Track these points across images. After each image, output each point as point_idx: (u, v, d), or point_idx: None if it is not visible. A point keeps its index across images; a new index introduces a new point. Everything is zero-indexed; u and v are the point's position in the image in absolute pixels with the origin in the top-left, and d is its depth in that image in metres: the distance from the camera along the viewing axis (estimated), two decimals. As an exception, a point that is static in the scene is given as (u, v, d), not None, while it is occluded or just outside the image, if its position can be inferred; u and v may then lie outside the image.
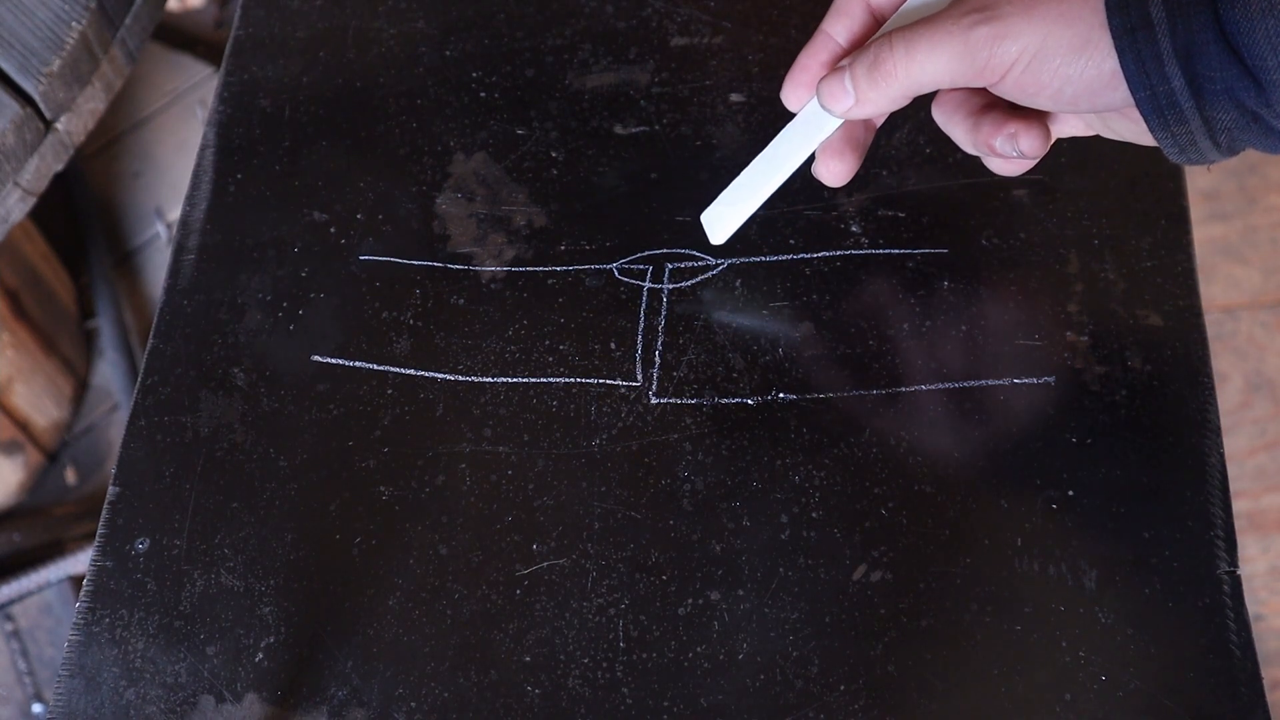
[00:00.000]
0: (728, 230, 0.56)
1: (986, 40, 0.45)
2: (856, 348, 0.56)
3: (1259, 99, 0.43)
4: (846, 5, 0.51)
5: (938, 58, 0.46)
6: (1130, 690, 0.47)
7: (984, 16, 0.45)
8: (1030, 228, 0.58)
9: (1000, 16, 0.45)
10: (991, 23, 0.45)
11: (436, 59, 0.66)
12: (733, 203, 0.55)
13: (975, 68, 0.46)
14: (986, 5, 0.46)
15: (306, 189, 0.62)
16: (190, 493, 0.54)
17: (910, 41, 0.47)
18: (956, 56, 0.46)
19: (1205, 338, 0.55)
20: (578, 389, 0.56)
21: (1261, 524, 1.15)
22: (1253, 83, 0.42)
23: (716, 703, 0.48)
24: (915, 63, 0.47)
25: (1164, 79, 0.43)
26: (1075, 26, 0.44)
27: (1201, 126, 0.44)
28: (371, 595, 0.52)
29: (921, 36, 0.47)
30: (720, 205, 0.55)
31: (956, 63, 0.46)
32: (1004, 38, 0.45)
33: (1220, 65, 0.42)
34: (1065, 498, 0.51)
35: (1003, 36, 0.45)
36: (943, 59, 0.46)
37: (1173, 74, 0.43)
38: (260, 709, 0.50)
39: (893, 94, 0.48)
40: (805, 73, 0.52)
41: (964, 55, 0.46)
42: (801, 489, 0.52)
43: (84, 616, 0.52)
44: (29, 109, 0.71)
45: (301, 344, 0.58)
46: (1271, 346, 1.22)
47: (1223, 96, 0.43)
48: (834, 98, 0.50)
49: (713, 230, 0.56)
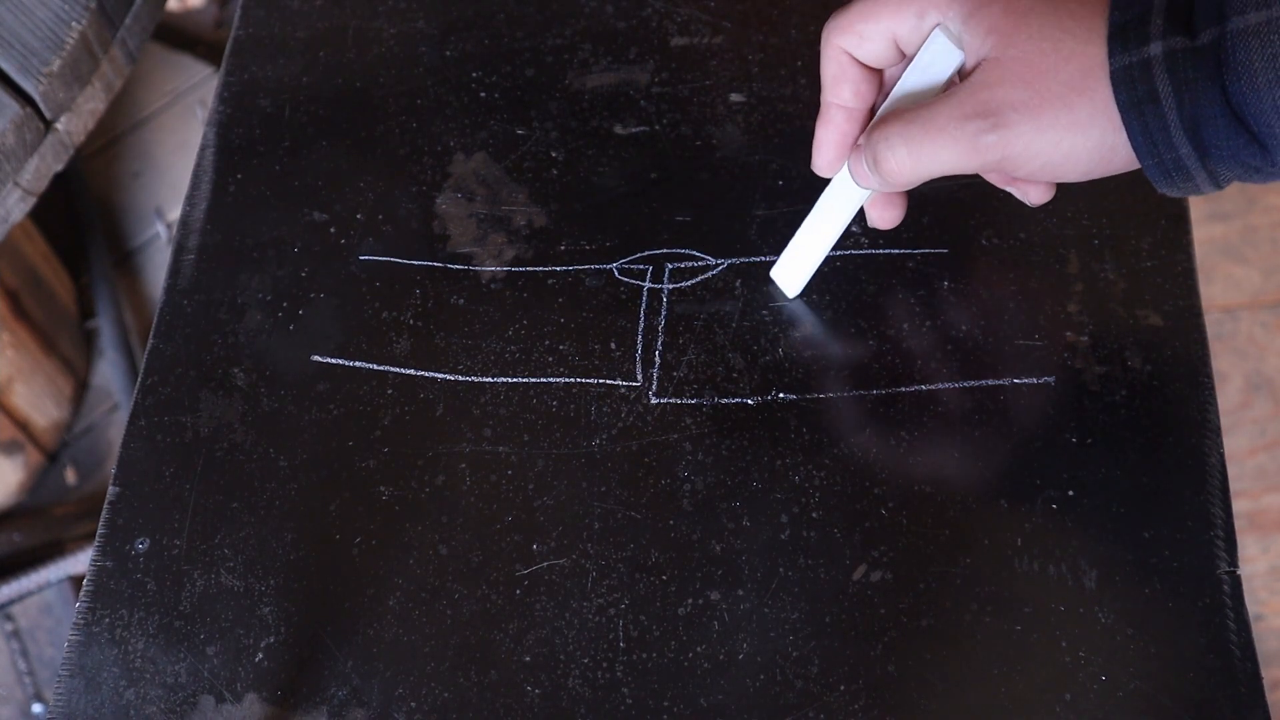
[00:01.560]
0: (800, 283, 0.57)
1: (994, 147, 0.45)
2: (856, 348, 0.56)
3: (1264, 159, 0.43)
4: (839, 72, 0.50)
5: (943, 158, 0.46)
6: (1130, 690, 0.47)
7: (990, 125, 0.45)
8: (1030, 228, 0.58)
9: (1007, 125, 0.45)
10: (999, 131, 0.45)
11: (436, 59, 0.66)
12: (799, 259, 0.56)
13: (985, 166, 0.47)
14: (990, 109, 0.45)
15: (306, 189, 0.62)
16: (190, 493, 0.54)
17: (913, 142, 0.47)
18: (962, 157, 0.46)
19: (1205, 338, 0.55)
20: (578, 389, 0.56)
21: (1261, 524, 1.15)
22: (1259, 148, 0.43)
23: (716, 703, 0.48)
24: (921, 163, 0.47)
25: (1171, 148, 0.44)
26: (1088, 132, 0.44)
27: (1206, 180, 0.45)
28: (371, 595, 0.52)
29: (926, 138, 0.46)
30: (788, 262, 0.57)
31: (965, 163, 0.46)
32: (1013, 145, 0.45)
33: (1228, 135, 0.43)
34: (1065, 498, 0.51)
35: (1012, 144, 0.45)
36: (948, 159, 0.46)
37: (1180, 143, 0.43)
38: (260, 709, 0.50)
39: (902, 184, 0.49)
40: (828, 147, 0.52)
41: (970, 157, 0.46)
42: (801, 489, 0.52)
43: (84, 616, 0.52)
44: (29, 109, 0.71)
45: (301, 344, 0.58)
46: (1271, 346, 1.22)
47: (1229, 159, 0.44)
48: (861, 178, 0.51)
49: (786, 285, 0.57)
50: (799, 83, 0.63)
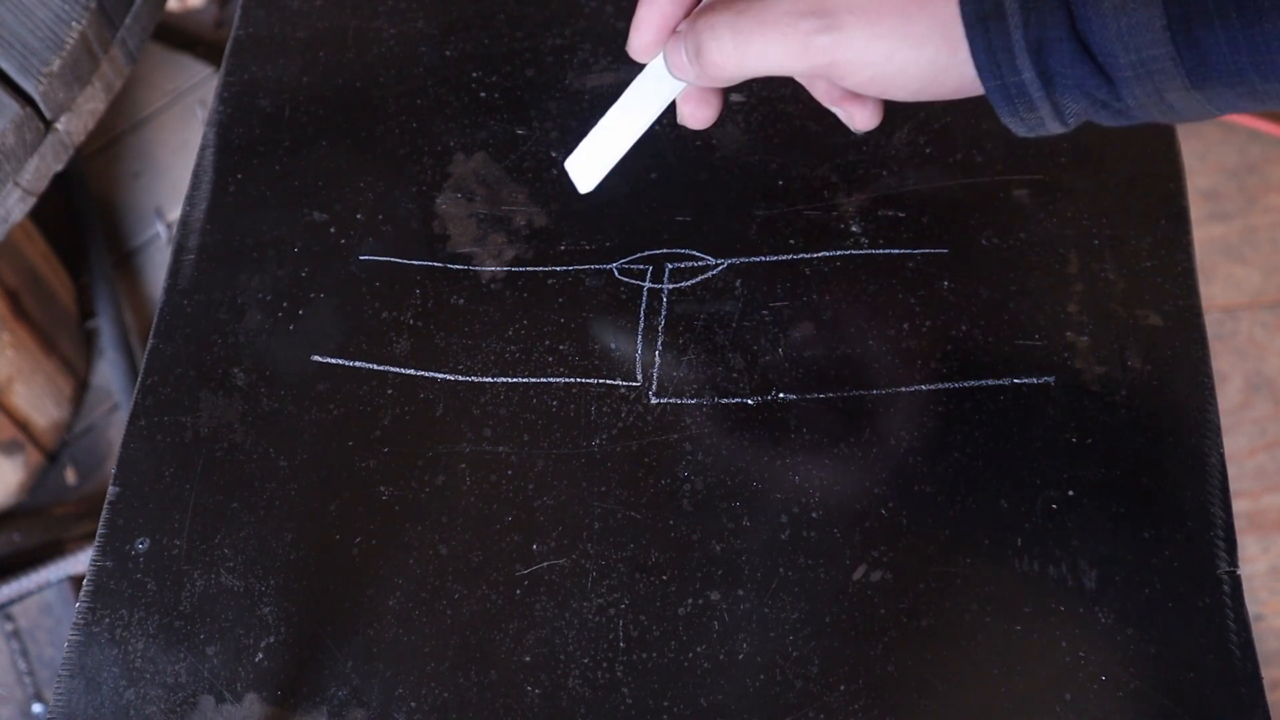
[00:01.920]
0: (594, 179, 0.54)
1: (825, 50, 0.44)
2: (856, 348, 0.56)
3: (1109, 93, 0.42)
4: None
5: (771, 54, 0.45)
6: (1130, 690, 0.47)
7: (824, 25, 0.43)
8: (1030, 228, 0.58)
9: (841, 27, 0.43)
10: (832, 33, 0.43)
11: (436, 59, 0.66)
12: (596, 151, 0.54)
13: (813, 69, 0.45)
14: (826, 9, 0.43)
15: (306, 189, 0.62)
16: (190, 493, 0.54)
17: (741, 34, 0.45)
18: (792, 56, 0.44)
19: (1205, 338, 0.55)
20: (578, 389, 0.56)
21: (1261, 524, 1.15)
22: (1103, 79, 0.41)
23: (716, 703, 0.48)
24: (747, 58, 0.45)
25: (1015, 71, 0.42)
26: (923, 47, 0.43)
27: (1050, 111, 0.43)
28: (371, 595, 0.52)
29: (756, 32, 0.44)
30: (583, 154, 0.54)
31: (793, 61, 0.44)
32: (845, 49, 0.43)
33: (1072, 61, 0.41)
34: (1065, 498, 0.51)
35: (844, 48, 0.43)
36: (777, 57, 0.45)
37: (1024, 66, 0.42)
38: (260, 709, 0.50)
39: (723, 79, 0.47)
40: (648, 28, 0.50)
41: (801, 57, 0.44)
42: (801, 489, 0.52)
43: (84, 616, 0.52)
44: (29, 109, 0.71)
45: (301, 344, 0.58)
46: (1271, 346, 1.22)
47: (1073, 89, 0.42)
48: (677, 68, 0.49)
49: (579, 179, 0.55)
50: (799, 83, 0.63)
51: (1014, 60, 0.42)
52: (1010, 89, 0.43)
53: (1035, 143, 0.60)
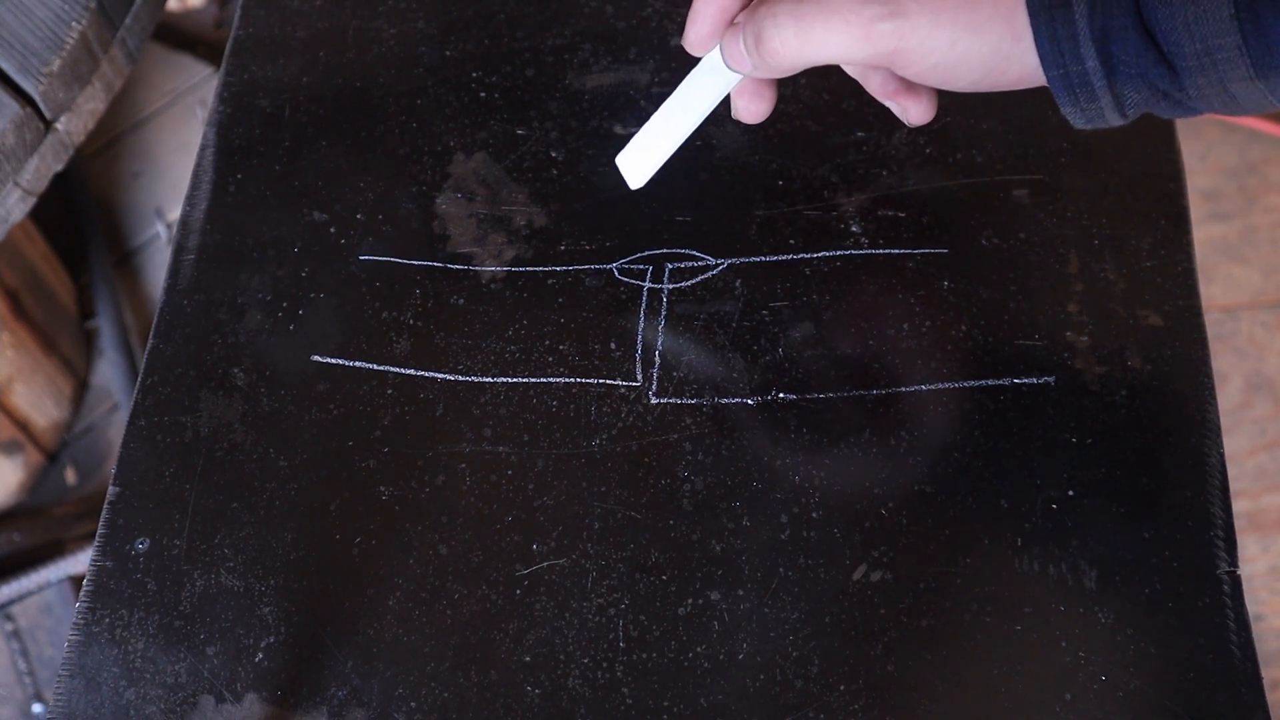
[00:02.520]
0: (645, 174, 0.54)
1: (889, 36, 0.43)
2: (856, 348, 0.56)
3: (1172, 83, 0.42)
4: None
5: (834, 43, 0.44)
6: (1130, 690, 0.47)
7: (888, 12, 0.43)
8: (1030, 228, 0.58)
9: (905, 14, 0.43)
10: (895, 19, 0.43)
11: (436, 59, 0.66)
12: (648, 147, 0.53)
13: (875, 58, 0.44)
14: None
15: (306, 189, 0.62)
16: (190, 493, 0.54)
17: (803, 21, 0.44)
18: (855, 45, 0.44)
19: (1205, 338, 0.55)
20: (578, 389, 0.56)
21: (1261, 524, 1.15)
22: (1167, 69, 0.41)
23: (716, 703, 0.48)
24: (809, 45, 0.45)
25: (1078, 59, 0.42)
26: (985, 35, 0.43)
27: (1111, 102, 0.43)
28: (371, 595, 0.52)
29: (819, 20, 0.44)
30: (635, 149, 0.54)
31: (855, 49, 0.44)
32: (909, 37, 0.43)
33: (1136, 50, 0.41)
34: (1065, 498, 0.51)
35: (907, 36, 0.43)
36: (840, 45, 0.44)
37: (1088, 55, 0.42)
38: (260, 709, 0.50)
39: (783, 68, 0.47)
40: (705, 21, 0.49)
41: (863, 46, 0.44)
42: (801, 489, 0.52)
43: (84, 616, 0.52)
44: (29, 109, 0.71)
45: (301, 344, 0.58)
46: (1271, 346, 1.22)
47: (1136, 79, 0.42)
48: (734, 59, 0.48)
49: (630, 174, 0.55)
50: (799, 83, 0.63)
51: (1078, 49, 0.42)
52: (1073, 78, 0.43)
53: (1035, 143, 0.60)
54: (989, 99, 0.50)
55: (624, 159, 0.55)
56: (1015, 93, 0.48)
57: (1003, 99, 0.49)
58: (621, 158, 0.55)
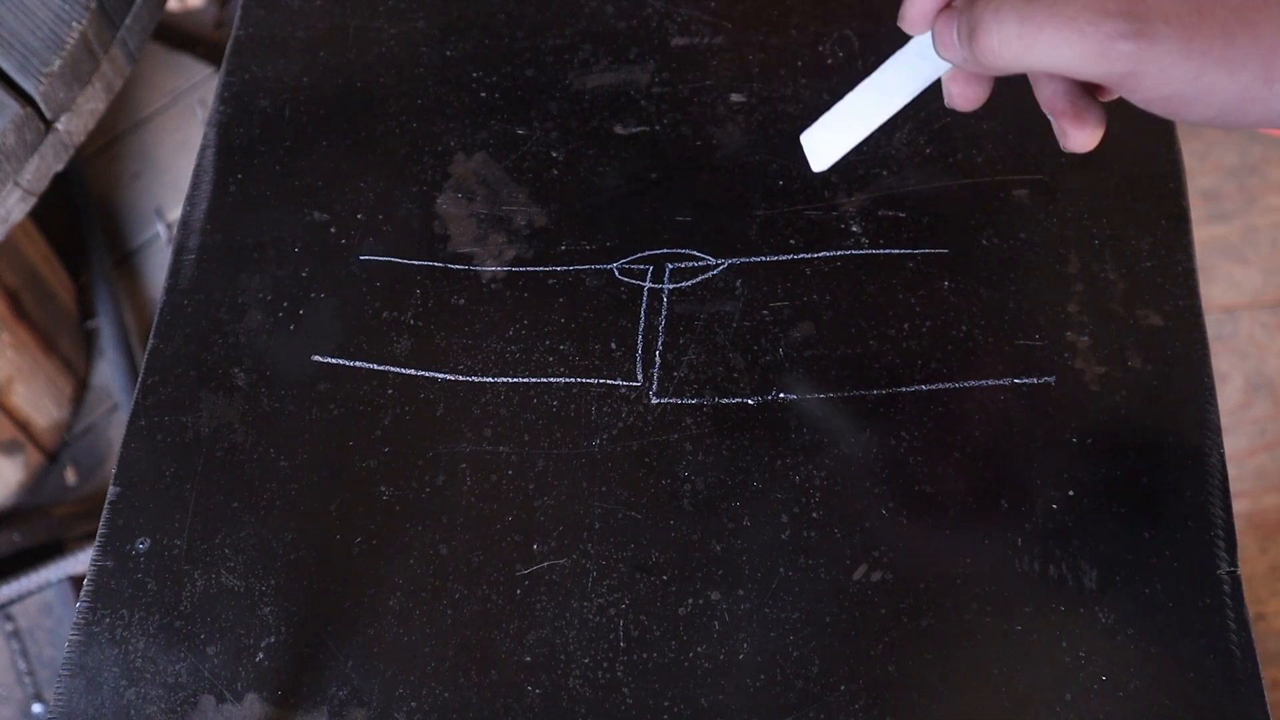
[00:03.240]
0: (831, 158, 0.49)
1: (1128, 58, 0.38)
2: (856, 348, 0.56)
3: None
4: None
5: (1062, 52, 0.39)
6: (1130, 690, 0.47)
7: (1132, 30, 0.38)
8: (1030, 228, 0.58)
9: (1152, 36, 0.38)
10: (1139, 40, 0.38)
11: (437, 59, 0.66)
12: (838, 129, 0.48)
13: (1105, 77, 0.40)
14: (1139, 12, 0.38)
15: (306, 189, 0.62)
16: (190, 493, 0.54)
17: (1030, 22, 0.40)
18: (1085, 60, 0.39)
19: (1205, 338, 0.55)
20: (578, 389, 0.56)
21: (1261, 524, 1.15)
22: None
23: (717, 703, 0.48)
24: (1032, 49, 0.40)
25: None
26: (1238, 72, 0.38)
27: None
28: (372, 595, 0.52)
29: (1049, 22, 0.39)
30: (822, 129, 0.48)
31: (1084, 65, 0.39)
32: (1151, 62, 0.38)
33: None
34: (1065, 498, 0.51)
35: (1150, 61, 0.38)
36: (1067, 56, 0.39)
37: None
38: (260, 709, 0.50)
39: (996, 68, 0.42)
40: None
41: (1096, 62, 0.39)
42: (801, 489, 0.52)
43: (84, 616, 0.52)
44: (29, 109, 0.71)
45: (302, 344, 0.58)
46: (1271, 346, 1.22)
47: None
48: (945, 47, 0.44)
49: (814, 156, 0.49)
50: (799, 83, 0.63)
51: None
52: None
53: (1035, 143, 0.60)
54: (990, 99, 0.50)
55: (810, 138, 0.49)
56: (1015, 93, 0.48)
57: (1003, 99, 0.49)
58: (807, 136, 0.49)
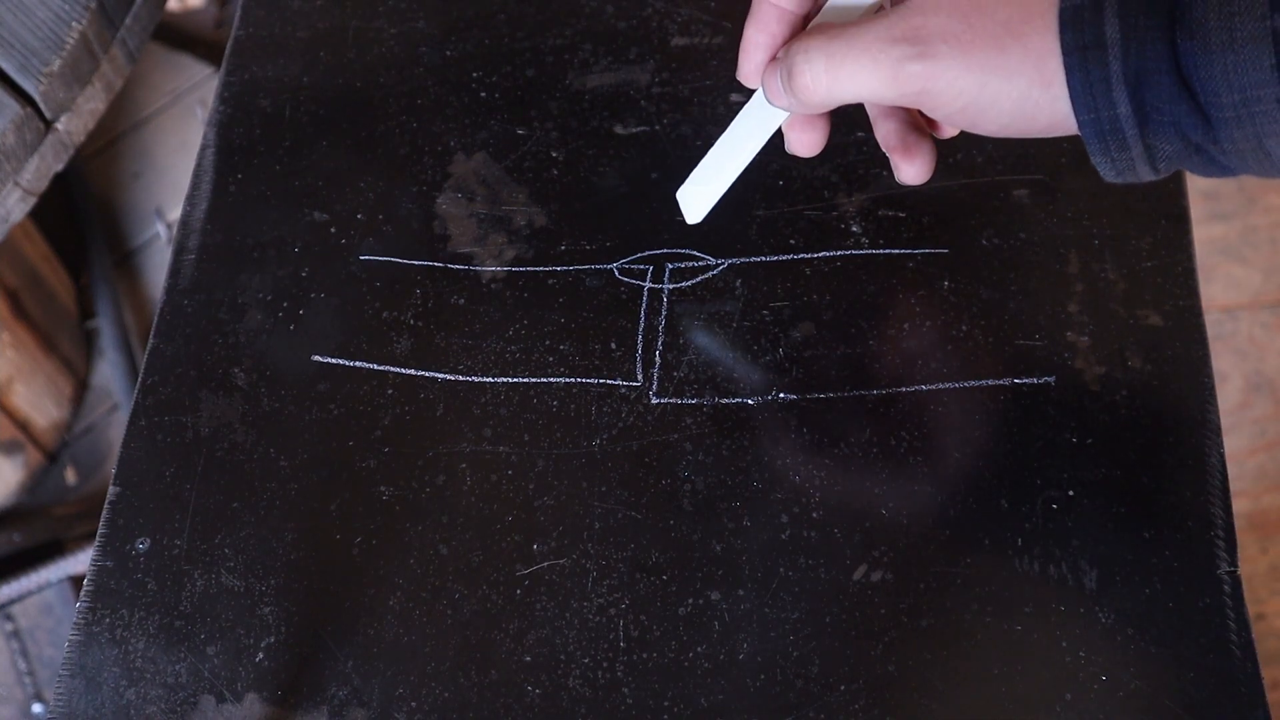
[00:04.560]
0: (703, 209, 0.54)
1: (918, 77, 0.43)
2: (856, 348, 0.56)
3: (1205, 134, 0.41)
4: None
5: (862, 81, 0.44)
6: (1130, 690, 0.47)
7: (917, 52, 0.43)
8: (1030, 228, 0.58)
9: (934, 56, 0.42)
10: (924, 60, 0.42)
11: (437, 59, 0.66)
12: (705, 181, 0.53)
13: (903, 98, 0.44)
14: (920, 37, 0.43)
15: (306, 189, 0.62)
16: (190, 493, 0.54)
17: (833, 58, 0.44)
18: (884, 83, 0.44)
19: (1205, 338, 0.55)
20: (578, 389, 0.56)
21: (1261, 524, 1.15)
22: (1201, 119, 0.40)
23: (717, 703, 0.48)
24: (839, 82, 0.45)
25: (1110, 104, 0.41)
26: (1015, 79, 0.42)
27: (1143, 154, 0.42)
28: (372, 595, 0.52)
29: (849, 57, 0.44)
30: (693, 184, 0.54)
31: (884, 88, 0.44)
32: (937, 79, 0.43)
33: (1170, 98, 0.40)
34: (1065, 498, 0.51)
35: (936, 78, 0.43)
36: (868, 83, 0.44)
37: (1119, 100, 0.41)
38: (260, 709, 0.50)
39: (815, 104, 0.46)
40: (757, 51, 0.49)
41: (891, 85, 0.43)
42: (801, 489, 0.52)
43: (84, 616, 0.52)
44: (29, 109, 0.71)
45: (302, 344, 0.58)
46: (1271, 346, 1.22)
47: (1168, 128, 0.41)
48: (774, 94, 0.48)
49: (688, 209, 0.55)
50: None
51: (1110, 93, 0.41)
52: (1104, 123, 0.42)
53: (1035, 143, 0.60)
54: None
55: (684, 194, 0.54)
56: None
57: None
58: (682, 193, 0.54)
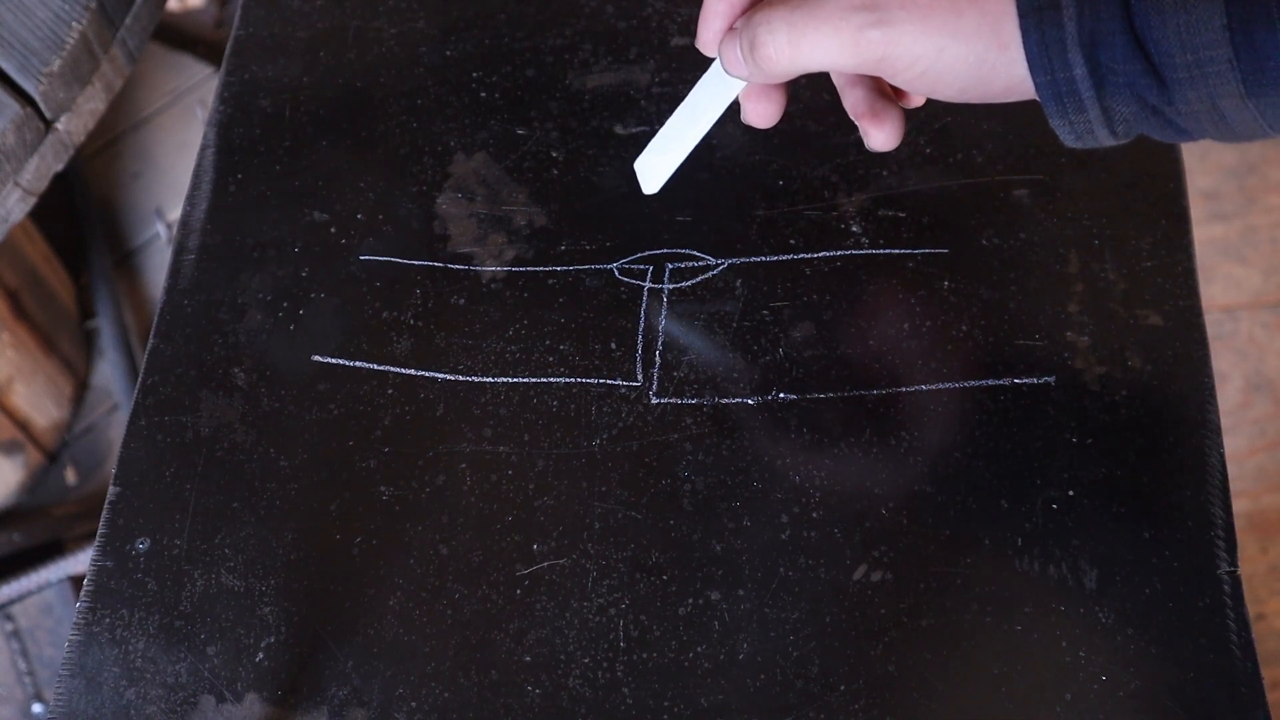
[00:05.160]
0: (659, 180, 0.55)
1: (878, 43, 0.43)
2: (856, 348, 0.56)
3: (1160, 95, 0.41)
4: None
5: (824, 49, 0.45)
6: (1130, 690, 0.47)
7: (875, 19, 0.43)
8: (1030, 228, 0.58)
9: (892, 22, 0.43)
10: (883, 27, 0.43)
11: (437, 59, 0.66)
12: (662, 151, 0.54)
13: (864, 65, 0.45)
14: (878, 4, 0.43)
15: (306, 189, 0.62)
16: (190, 493, 0.54)
17: (795, 28, 0.45)
18: (843, 52, 0.44)
19: (1205, 338, 0.55)
20: (578, 389, 0.56)
21: (1261, 524, 1.15)
22: (1155, 80, 0.41)
23: (717, 703, 0.48)
24: (800, 51, 0.45)
25: (1066, 66, 0.42)
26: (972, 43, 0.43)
27: (1100, 116, 0.43)
28: (372, 595, 0.52)
29: (808, 26, 0.44)
30: (650, 155, 0.54)
31: (844, 56, 0.44)
32: (896, 44, 0.43)
33: (1124, 58, 0.41)
34: (1065, 498, 0.51)
35: (894, 43, 0.43)
36: (830, 52, 0.44)
37: (1075, 61, 0.41)
38: (260, 709, 0.50)
39: (777, 74, 0.47)
40: (716, 19, 0.49)
41: (852, 53, 0.44)
42: (801, 489, 0.52)
43: (84, 616, 0.52)
44: (29, 109, 0.71)
45: (302, 344, 0.58)
46: (1271, 346, 1.22)
47: (1124, 90, 0.42)
48: (732, 64, 0.48)
49: (645, 180, 0.55)
50: (799, 83, 0.63)
51: (1065, 54, 0.41)
52: (1060, 85, 0.42)
53: (1035, 142, 0.60)
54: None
55: (641, 164, 0.55)
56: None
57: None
58: (639, 163, 0.55)
